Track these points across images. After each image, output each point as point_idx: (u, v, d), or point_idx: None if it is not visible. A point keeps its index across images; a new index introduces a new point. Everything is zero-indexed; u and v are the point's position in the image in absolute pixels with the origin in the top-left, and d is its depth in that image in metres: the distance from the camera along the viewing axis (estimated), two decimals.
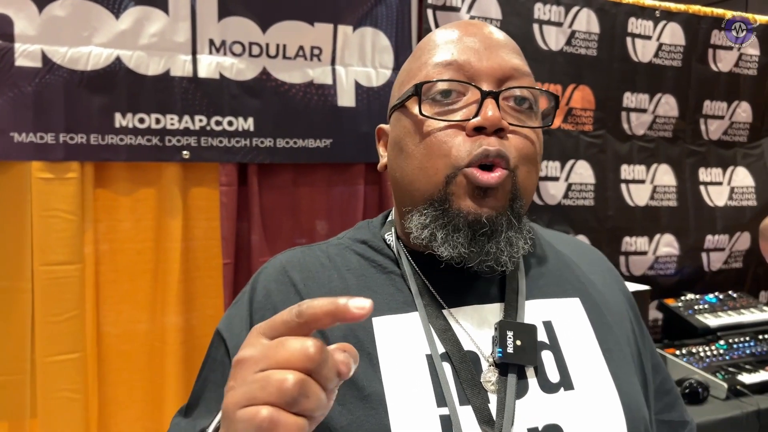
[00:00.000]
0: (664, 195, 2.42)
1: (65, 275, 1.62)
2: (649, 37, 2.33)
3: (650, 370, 0.79)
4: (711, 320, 2.21)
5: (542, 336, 0.69)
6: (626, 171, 2.35)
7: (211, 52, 1.76)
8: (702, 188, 2.50)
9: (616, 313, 0.76)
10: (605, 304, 0.76)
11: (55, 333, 1.61)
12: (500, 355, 0.65)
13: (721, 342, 2.10)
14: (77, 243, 1.64)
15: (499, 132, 0.65)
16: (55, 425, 1.61)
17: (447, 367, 0.65)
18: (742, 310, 2.31)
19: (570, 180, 2.24)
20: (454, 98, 0.68)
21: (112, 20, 1.65)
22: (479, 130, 0.65)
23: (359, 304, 0.43)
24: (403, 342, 0.66)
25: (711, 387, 1.81)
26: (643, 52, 2.33)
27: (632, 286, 2.06)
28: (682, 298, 2.33)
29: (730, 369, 1.93)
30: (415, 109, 0.68)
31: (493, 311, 0.70)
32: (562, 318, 0.71)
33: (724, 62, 2.48)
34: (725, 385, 1.81)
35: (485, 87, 0.67)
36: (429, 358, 0.65)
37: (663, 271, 2.44)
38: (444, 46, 0.70)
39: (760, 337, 2.15)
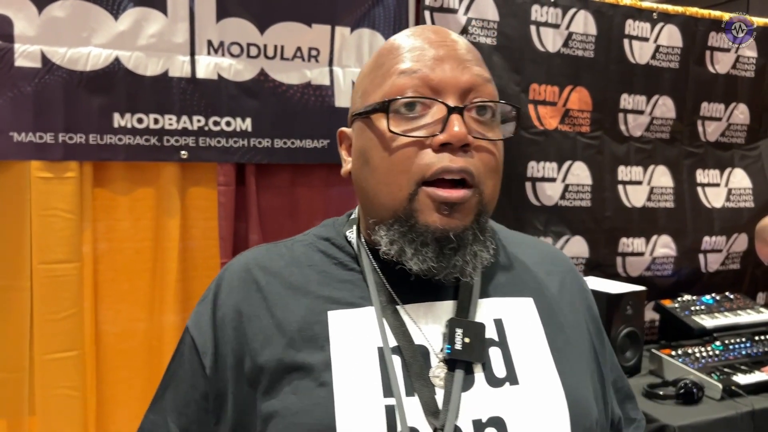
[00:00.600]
0: (661, 196, 2.43)
1: (64, 274, 1.64)
2: (646, 39, 2.34)
3: (608, 370, 0.83)
4: (707, 321, 2.22)
5: (492, 333, 0.72)
6: (623, 172, 2.36)
7: (209, 53, 1.77)
8: (699, 190, 2.51)
9: (571, 314, 0.79)
10: (559, 305, 0.78)
11: (54, 331, 1.63)
12: (449, 351, 0.68)
13: (717, 343, 2.10)
14: (76, 242, 1.66)
15: (465, 147, 0.67)
16: (53, 423, 1.62)
17: (397, 360, 0.68)
18: (739, 312, 2.32)
19: (567, 181, 2.25)
20: (420, 111, 0.68)
21: (111, 21, 1.66)
22: (445, 146, 0.67)
23: None
24: (356, 335, 0.69)
25: (706, 387, 1.82)
26: (640, 53, 2.33)
27: (628, 287, 2.07)
28: (679, 299, 2.34)
29: (726, 370, 1.94)
30: (381, 123, 0.69)
31: (446, 308, 0.73)
32: (514, 316, 0.74)
33: (721, 64, 2.49)
34: (720, 385, 1.82)
35: (450, 100, 0.68)
36: (380, 350, 0.68)
37: (660, 272, 2.44)
38: (407, 54, 0.70)
39: (756, 338, 2.15)
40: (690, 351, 2.03)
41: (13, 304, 1.62)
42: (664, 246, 2.43)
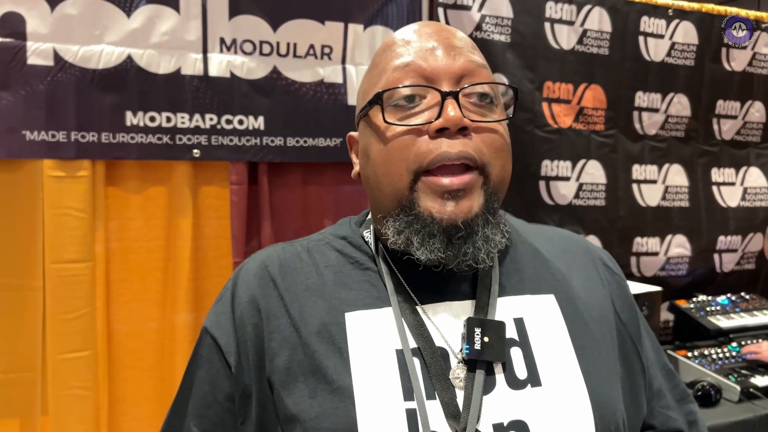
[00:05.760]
0: (676, 195, 2.40)
1: (76, 273, 1.63)
2: (661, 36, 2.31)
3: (650, 366, 0.79)
4: (723, 322, 2.19)
5: (512, 333, 0.70)
6: (638, 171, 2.33)
7: (221, 51, 1.76)
8: (714, 188, 2.48)
9: (596, 308, 0.76)
10: (583, 301, 0.75)
11: (66, 331, 1.62)
12: (467, 351, 0.66)
13: (734, 344, 2.08)
14: (88, 241, 1.65)
15: (463, 131, 0.66)
16: (65, 422, 1.62)
17: (416, 362, 0.66)
18: (755, 312, 2.29)
19: (581, 180, 2.23)
20: (416, 102, 0.68)
21: (123, 19, 1.65)
22: (442, 131, 0.66)
23: None
24: (374, 337, 0.68)
25: (723, 389, 1.80)
26: (655, 51, 2.31)
27: (644, 287, 2.05)
28: (694, 299, 2.31)
29: (743, 372, 1.92)
30: (378, 117, 0.69)
31: (465, 308, 0.71)
32: (534, 315, 0.72)
33: (737, 62, 2.46)
34: (738, 387, 1.80)
35: (445, 87, 0.67)
36: (399, 353, 0.67)
37: (674, 272, 2.42)
38: (401, 49, 0.71)
39: None
40: (706, 352, 2.01)
41: (25, 303, 1.61)
42: (679, 246, 2.41)
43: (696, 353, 2.00)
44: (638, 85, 2.31)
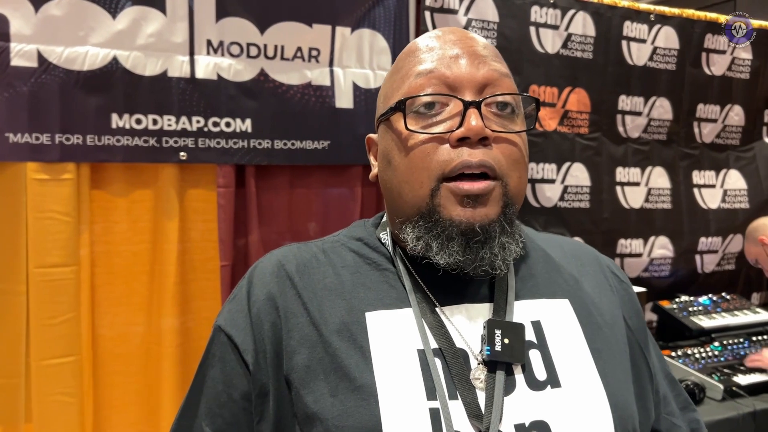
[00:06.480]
0: (658, 197, 2.44)
1: (60, 277, 1.60)
2: (643, 41, 2.34)
3: (657, 370, 0.81)
4: (705, 322, 2.23)
5: (530, 335, 0.71)
6: (621, 173, 2.37)
7: (208, 53, 1.75)
8: (696, 191, 2.52)
9: (608, 313, 0.77)
10: (595, 305, 0.77)
11: (51, 336, 1.59)
12: (488, 352, 0.67)
13: (716, 343, 2.11)
14: (73, 245, 1.62)
15: (484, 141, 0.67)
16: (49, 429, 1.59)
17: (438, 363, 0.67)
18: (736, 312, 2.33)
19: (566, 182, 2.25)
20: (438, 109, 0.69)
21: (108, 20, 1.63)
22: (463, 140, 0.67)
23: None
24: (395, 336, 0.68)
25: (707, 388, 1.82)
26: (638, 55, 2.34)
27: None
28: (677, 299, 2.35)
29: (726, 370, 1.95)
30: (400, 123, 0.70)
31: (483, 311, 0.72)
32: (551, 318, 0.73)
33: (717, 66, 2.50)
34: (721, 386, 1.83)
35: (467, 96, 0.68)
36: (421, 353, 0.67)
37: (657, 273, 2.45)
38: (425, 55, 0.71)
39: (754, 338, 2.17)
40: (690, 352, 2.04)
41: (8, 308, 1.59)
42: (662, 247, 2.44)
43: (679, 353, 2.03)
44: (621, 89, 2.34)
